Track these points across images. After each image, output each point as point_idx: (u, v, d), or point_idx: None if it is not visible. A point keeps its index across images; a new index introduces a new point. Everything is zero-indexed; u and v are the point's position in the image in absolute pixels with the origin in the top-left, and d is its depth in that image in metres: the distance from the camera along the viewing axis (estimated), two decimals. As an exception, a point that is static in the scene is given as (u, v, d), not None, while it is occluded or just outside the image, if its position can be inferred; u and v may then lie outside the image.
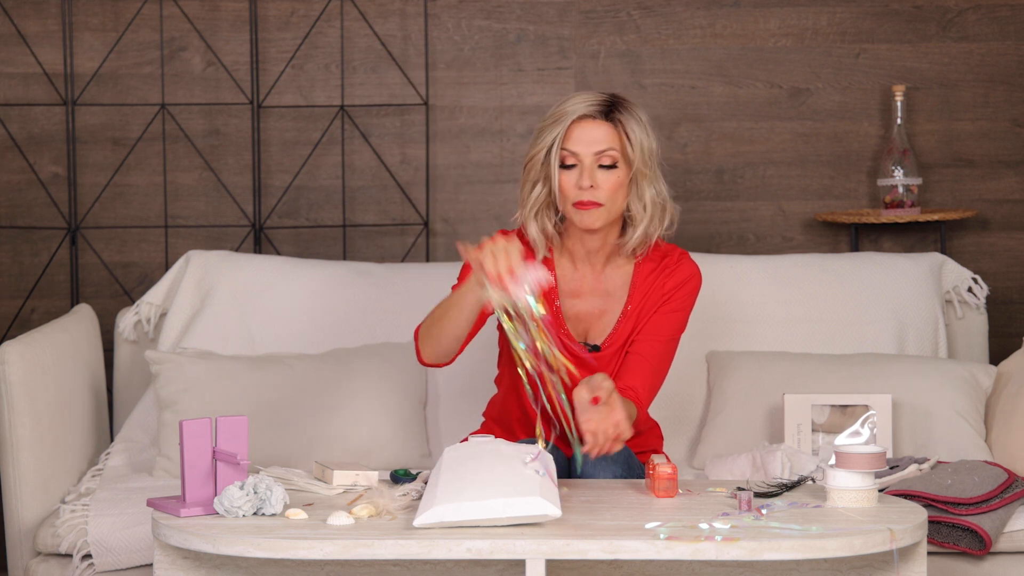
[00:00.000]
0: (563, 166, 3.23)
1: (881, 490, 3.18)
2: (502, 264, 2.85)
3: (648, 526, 2.72)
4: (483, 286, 2.89)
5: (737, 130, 4.46)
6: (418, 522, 2.72)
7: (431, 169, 4.46)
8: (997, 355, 4.24)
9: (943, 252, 4.31)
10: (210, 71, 4.44)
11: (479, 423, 3.60)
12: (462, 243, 2.92)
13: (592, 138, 3.22)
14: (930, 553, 3.27)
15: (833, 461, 2.94)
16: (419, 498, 2.94)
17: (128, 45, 4.43)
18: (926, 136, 4.46)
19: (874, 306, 3.99)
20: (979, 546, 3.27)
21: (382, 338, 3.96)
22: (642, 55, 4.45)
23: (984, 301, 4.10)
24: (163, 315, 4.09)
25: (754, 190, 4.47)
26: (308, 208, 4.47)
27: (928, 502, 3.28)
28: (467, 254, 2.90)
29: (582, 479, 3.13)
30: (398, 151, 4.47)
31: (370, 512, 2.82)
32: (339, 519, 2.77)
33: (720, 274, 3.97)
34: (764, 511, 2.84)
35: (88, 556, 3.37)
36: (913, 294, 4.00)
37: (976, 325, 4.11)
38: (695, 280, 3.33)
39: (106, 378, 4.12)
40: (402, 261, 4.43)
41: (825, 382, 3.75)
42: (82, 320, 3.91)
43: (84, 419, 3.80)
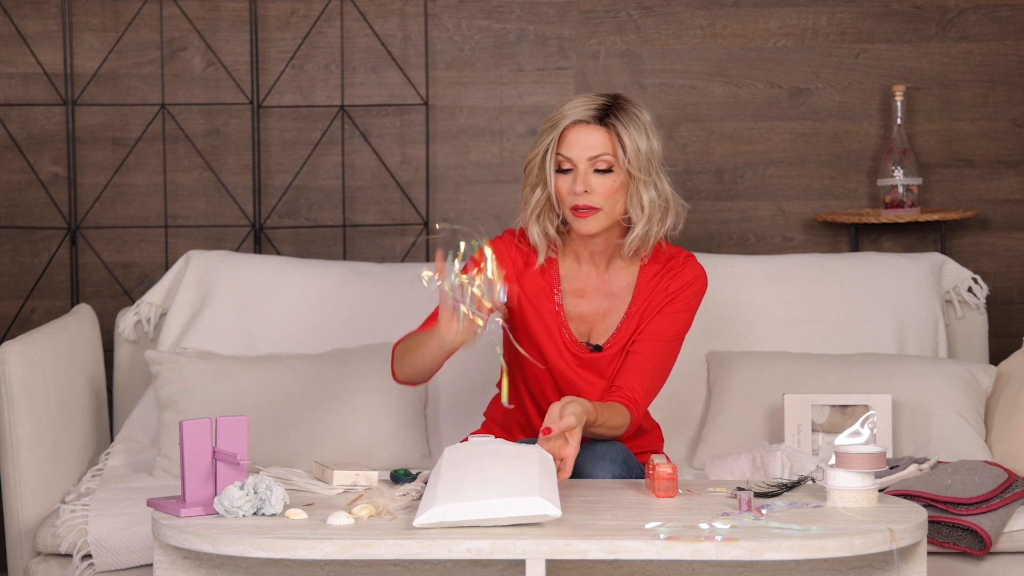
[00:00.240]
0: (559, 171, 3.23)
1: (881, 490, 3.18)
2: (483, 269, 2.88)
3: (648, 526, 2.72)
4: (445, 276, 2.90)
5: (737, 130, 4.46)
6: (418, 522, 2.72)
7: (431, 169, 4.46)
8: (997, 355, 4.24)
9: (943, 252, 4.31)
10: (210, 71, 4.44)
11: (479, 423, 3.60)
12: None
13: (586, 143, 3.21)
14: (930, 553, 3.27)
15: (833, 461, 2.94)
16: (419, 498, 2.94)
17: (128, 45, 4.43)
18: (926, 136, 4.46)
19: (874, 306, 3.99)
20: (979, 546, 3.27)
21: (382, 338, 3.96)
22: (642, 55, 4.45)
23: (984, 301, 4.10)
24: (163, 315, 4.09)
25: (754, 190, 4.47)
26: (308, 208, 4.47)
27: (928, 502, 3.28)
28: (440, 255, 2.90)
29: (582, 479, 3.13)
30: (398, 151, 4.47)
31: (370, 512, 2.82)
32: (339, 519, 2.77)
33: (720, 274, 3.97)
34: (764, 511, 2.83)
35: (88, 556, 3.37)
36: (913, 294, 4.00)
37: (976, 325, 4.11)
38: (700, 282, 3.32)
39: (106, 378, 4.12)
40: (402, 261, 4.43)
41: (825, 382, 3.75)
42: (82, 320, 3.91)
43: (84, 419, 3.80)
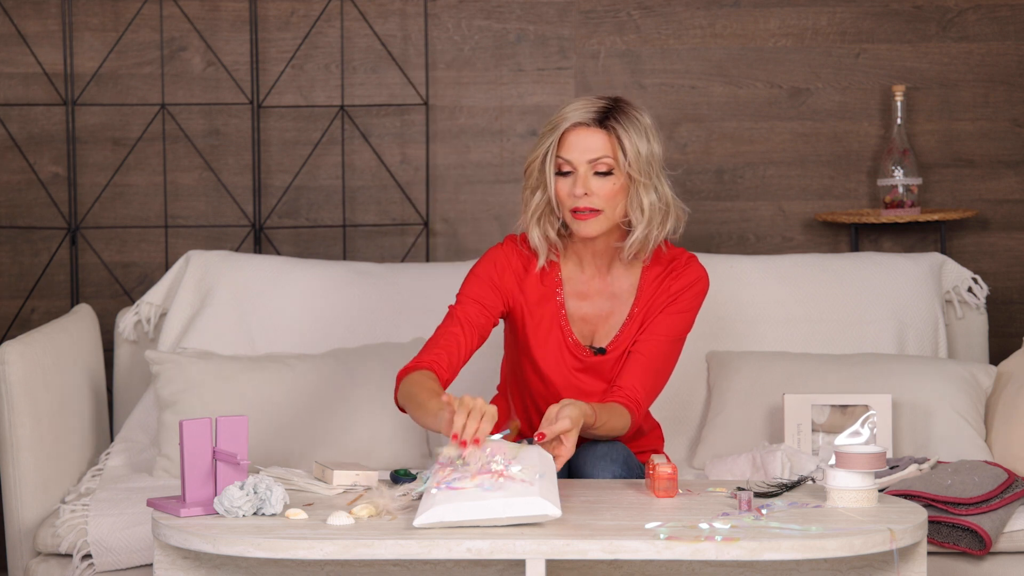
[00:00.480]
0: (559, 173, 3.23)
1: (881, 490, 3.18)
2: (470, 431, 2.85)
3: (648, 526, 2.72)
4: (445, 431, 2.91)
5: (737, 130, 4.46)
6: (418, 522, 2.72)
7: (431, 169, 4.46)
8: (997, 355, 4.24)
9: (943, 252, 4.31)
10: (210, 71, 4.44)
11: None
12: (447, 397, 2.91)
13: (586, 146, 3.20)
14: (930, 553, 3.27)
15: (833, 461, 2.94)
16: (419, 498, 2.94)
17: (128, 45, 4.43)
18: (926, 136, 4.46)
19: (874, 306, 3.99)
20: (979, 546, 3.27)
21: (382, 338, 3.96)
22: (642, 55, 4.45)
23: (984, 301, 4.10)
24: (163, 315, 4.09)
25: (754, 190, 4.47)
26: (308, 208, 4.47)
27: (928, 502, 3.28)
28: (449, 401, 2.89)
29: (582, 479, 3.13)
30: (398, 151, 4.47)
31: (370, 512, 2.82)
32: (339, 519, 2.77)
33: (720, 274, 3.96)
34: (764, 511, 2.83)
35: (88, 556, 3.37)
36: (913, 294, 4.00)
37: (976, 325, 4.11)
38: (702, 283, 3.32)
39: (106, 378, 4.12)
40: (402, 261, 4.43)
41: (825, 382, 3.75)
42: (82, 320, 3.91)
43: (84, 419, 3.80)
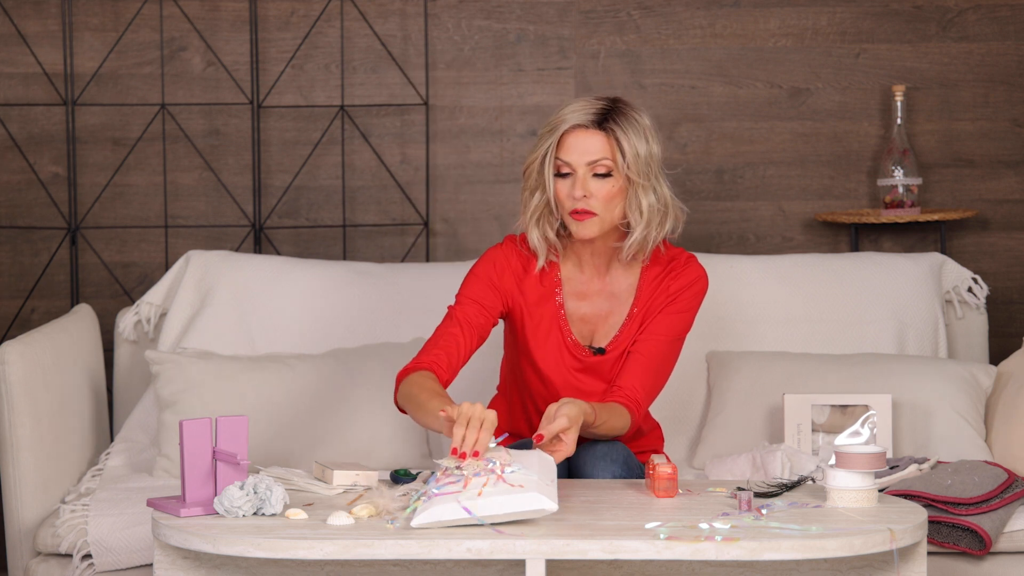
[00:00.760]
0: (558, 175, 3.23)
1: (881, 490, 3.18)
2: (469, 442, 2.84)
3: (648, 526, 2.72)
4: (445, 433, 2.90)
5: (737, 130, 4.46)
6: (416, 522, 2.72)
7: (431, 169, 4.46)
8: (997, 355, 4.24)
9: (943, 252, 4.31)
10: (210, 71, 4.44)
11: (479, 423, 3.59)
12: (447, 409, 2.90)
13: (584, 148, 3.20)
14: (930, 553, 3.27)
15: (833, 461, 2.94)
16: (419, 498, 2.94)
17: (128, 45, 4.43)
18: (926, 136, 4.46)
19: (874, 306, 3.99)
20: (979, 546, 3.27)
21: (382, 338, 3.96)
22: (642, 55, 4.45)
23: (984, 301, 4.10)
24: (163, 315, 4.09)
25: (754, 190, 4.47)
26: (308, 208, 4.47)
27: (928, 502, 3.28)
28: (448, 412, 2.88)
29: (582, 479, 3.13)
30: (398, 151, 4.47)
31: (370, 512, 2.82)
32: (339, 519, 2.77)
33: (720, 274, 3.96)
34: (764, 511, 2.83)
35: (88, 556, 3.37)
36: (913, 294, 4.00)
37: (976, 325, 4.10)
38: (702, 282, 3.32)
39: (106, 378, 4.12)
40: (402, 261, 4.43)
41: (825, 382, 3.75)
42: (82, 320, 3.91)
43: (84, 419, 3.80)
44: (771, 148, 4.47)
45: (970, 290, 4.10)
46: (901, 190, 4.33)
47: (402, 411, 3.14)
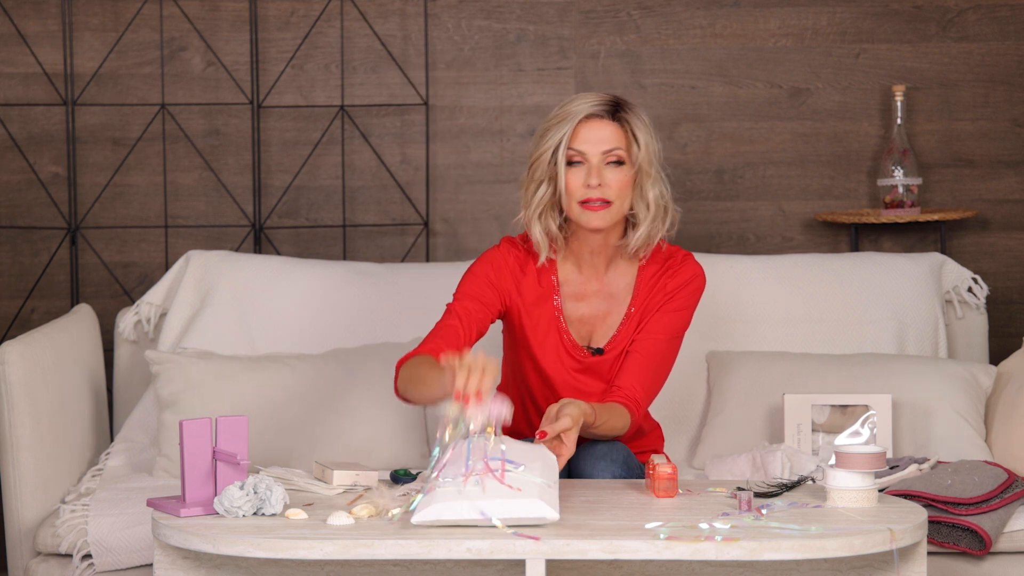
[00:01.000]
0: (568, 164, 3.24)
1: (881, 490, 3.18)
2: (472, 385, 2.82)
3: (648, 526, 2.72)
4: (448, 394, 2.88)
5: (737, 130, 4.46)
6: (415, 520, 2.72)
7: (431, 169, 4.46)
8: (997, 355, 4.24)
9: (943, 252, 4.31)
10: (210, 71, 4.44)
11: (479, 423, 3.59)
12: (447, 356, 2.89)
13: (599, 137, 3.22)
14: (930, 553, 3.27)
15: (833, 461, 2.94)
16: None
17: (128, 45, 4.43)
18: (926, 136, 4.46)
19: (874, 306, 3.99)
20: (979, 546, 3.27)
21: (382, 338, 3.96)
22: (642, 55, 4.45)
23: (984, 301, 4.10)
24: (163, 315, 4.09)
25: (754, 190, 4.47)
26: (308, 208, 4.47)
27: (928, 502, 3.28)
28: (448, 361, 2.87)
29: (582, 479, 3.13)
30: (398, 151, 4.47)
31: (370, 512, 2.82)
32: (339, 519, 2.77)
33: (720, 274, 3.96)
34: (764, 511, 2.83)
35: (88, 556, 3.37)
36: (913, 294, 4.00)
37: (976, 325, 4.10)
38: (699, 280, 3.32)
39: (106, 378, 4.12)
40: (402, 261, 4.43)
41: (825, 382, 3.75)
42: (82, 320, 3.91)
43: (84, 419, 3.80)
44: (771, 148, 4.47)
45: (970, 290, 4.10)
46: (901, 190, 4.33)
47: (403, 399, 3.13)
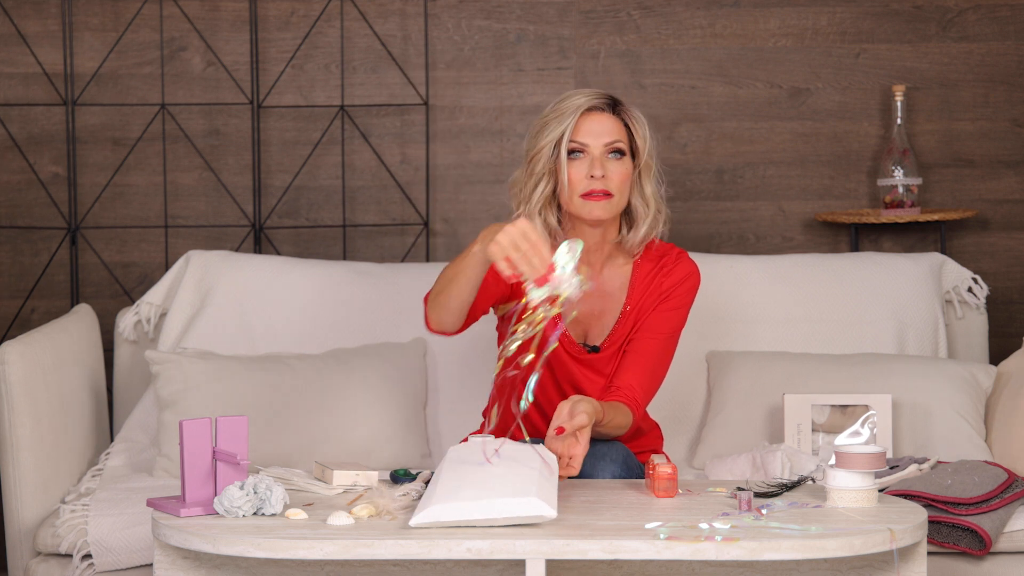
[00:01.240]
0: (570, 157, 3.25)
1: (881, 490, 3.18)
2: (537, 263, 2.83)
3: (648, 526, 2.72)
4: (527, 289, 2.86)
5: (737, 130, 4.46)
6: (414, 522, 2.72)
7: (431, 169, 4.46)
8: (997, 355, 4.24)
9: (943, 252, 4.31)
10: (210, 71, 4.44)
11: (479, 423, 3.60)
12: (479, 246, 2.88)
13: (601, 129, 3.24)
14: (930, 553, 3.27)
15: (833, 461, 2.94)
16: (419, 498, 2.94)
17: (128, 45, 4.43)
18: (926, 136, 4.46)
19: (874, 306, 3.99)
20: (979, 546, 3.27)
21: (382, 338, 3.96)
22: (642, 55, 4.45)
23: (984, 301, 4.10)
24: (163, 315, 4.09)
25: (754, 190, 4.47)
26: (308, 208, 4.47)
27: (928, 502, 3.28)
28: (498, 257, 2.84)
29: (582, 479, 3.13)
30: (398, 151, 4.47)
31: (370, 512, 2.82)
32: (339, 519, 2.77)
33: (720, 274, 3.97)
34: (764, 511, 2.84)
35: (88, 556, 3.37)
36: (913, 294, 4.00)
37: (976, 325, 4.11)
38: (694, 278, 3.33)
39: (106, 378, 4.12)
40: (402, 261, 4.43)
41: (825, 382, 3.75)
42: (82, 320, 3.91)
43: (84, 419, 3.80)
44: (771, 148, 4.47)
45: (970, 290, 4.10)
46: (901, 190, 4.33)
47: (435, 331, 3.13)
